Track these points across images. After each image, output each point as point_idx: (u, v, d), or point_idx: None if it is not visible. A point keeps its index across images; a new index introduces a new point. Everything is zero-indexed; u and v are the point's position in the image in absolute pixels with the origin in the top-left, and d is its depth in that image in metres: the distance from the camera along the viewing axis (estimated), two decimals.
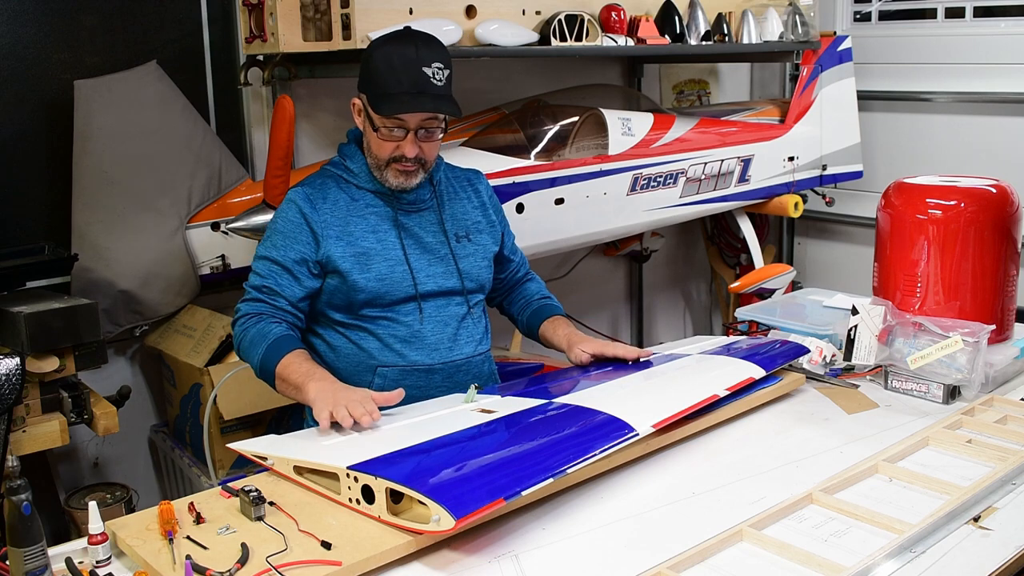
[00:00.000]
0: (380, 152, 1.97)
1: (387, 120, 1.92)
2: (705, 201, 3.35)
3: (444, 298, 2.04)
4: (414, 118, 1.92)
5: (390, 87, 1.91)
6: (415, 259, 2.01)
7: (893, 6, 4.08)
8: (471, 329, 2.08)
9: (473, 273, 2.09)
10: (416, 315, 2.00)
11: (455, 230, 2.09)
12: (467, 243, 2.10)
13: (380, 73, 1.92)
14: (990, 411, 1.88)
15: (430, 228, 2.06)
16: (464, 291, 2.06)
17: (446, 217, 2.08)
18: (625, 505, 1.52)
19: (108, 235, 2.63)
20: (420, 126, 1.93)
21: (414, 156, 1.95)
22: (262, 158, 2.98)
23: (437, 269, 2.03)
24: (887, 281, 2.20)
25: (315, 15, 2.56)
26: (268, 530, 1.40)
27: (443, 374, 2.03)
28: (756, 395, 1.93)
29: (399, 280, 1.99)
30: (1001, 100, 3.70)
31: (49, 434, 2.27)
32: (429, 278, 2.02)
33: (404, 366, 2.00)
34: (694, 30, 3.14)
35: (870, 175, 3.87)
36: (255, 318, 1.94)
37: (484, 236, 2.14)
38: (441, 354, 2.02)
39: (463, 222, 2.12)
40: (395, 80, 1.90)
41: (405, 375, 1.99)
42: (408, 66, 1.90)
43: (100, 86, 2.61)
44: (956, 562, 1.34)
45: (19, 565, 1.25)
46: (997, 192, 2.10)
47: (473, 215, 2.14)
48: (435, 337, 2.02)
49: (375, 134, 1.95)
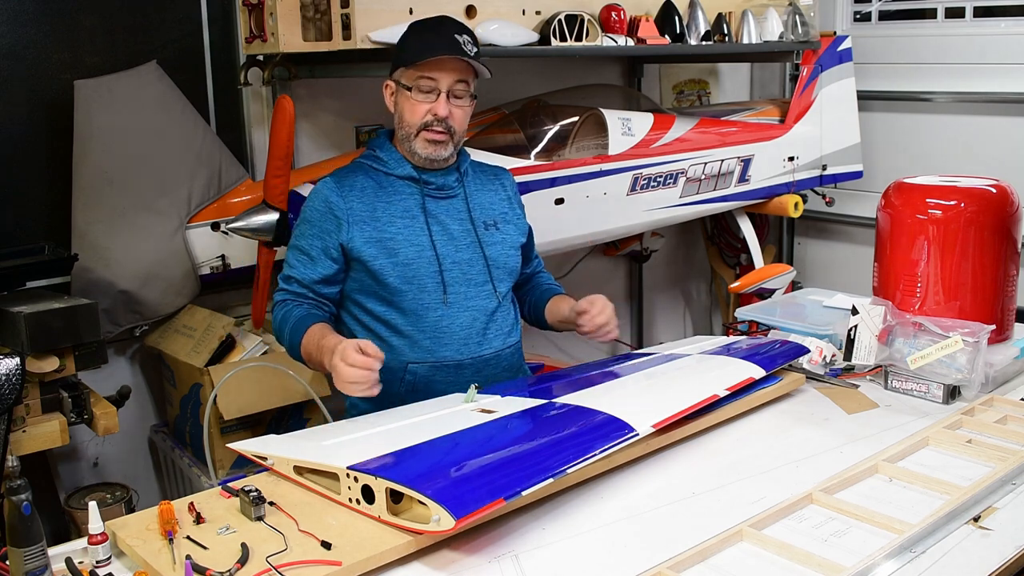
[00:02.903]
0: (412, 117, 2.01)
1: (422, 72, 1.98)
2: (705, 201, 3.35)
3: (472, 287, 2.06)
4: (447, 77, 1.98)
5: (424, 48, 1.97)
6: (442, 246, 2.04)
7: (893, 6, 4.08)
8: (500, 322, 2.10)
9: (500, 260, 2.12)
10: (442, 308, 2.02)
11: (483, 218, 2.13)
12: (495, 231, 2.14)
13: (413, 42, 2.01)
14: (990, 411, 1.88)
15: (457, 216, 2.09)
16: (491, 279, 2.08)
17: (473, 206, 2.12)
18: (625, 505, 1.52)
19: (108, 235, 2.63)
20: (451, 90, 1.99)
21: (446, 116, 1.99)
22: (262, 158, 2.98)
23: (464, 256, 2.06)
24: (887, 281, 2.19)
25: (315, 15, 2.56)
26: (268, 530, 1.40)
27: (472, 368, 2.05)
28: (756, 395, 1.93)
29: (425, 265, 2.02)
30: (1001, 100, 3.70)
31: (49, 434, 2.27)
32: (455, 265, 2.05)
33: (433, 362, 2.03)
34: (694, 30, 3.14)
35: (870, 175, 3.86)
36: (281, 305, 2.04)
37: (511, 227, 2.18)
38: (471, 348, 2.05)
39: (490, 211, 2.16)
40: (428, 43, 1.98)
41: (435, 371, 2.03)
42: (441, 33, 1.99)
43: (100, 86, 2.61)
44: (956, 562, 1.34)
45: (19, 565, 1.25)
46: (997, 192, 2.10)
47: (500, 206, 2.19)
48: (464, 332, 2.04)
49: (408, 95, 2.00)
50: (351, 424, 1.78)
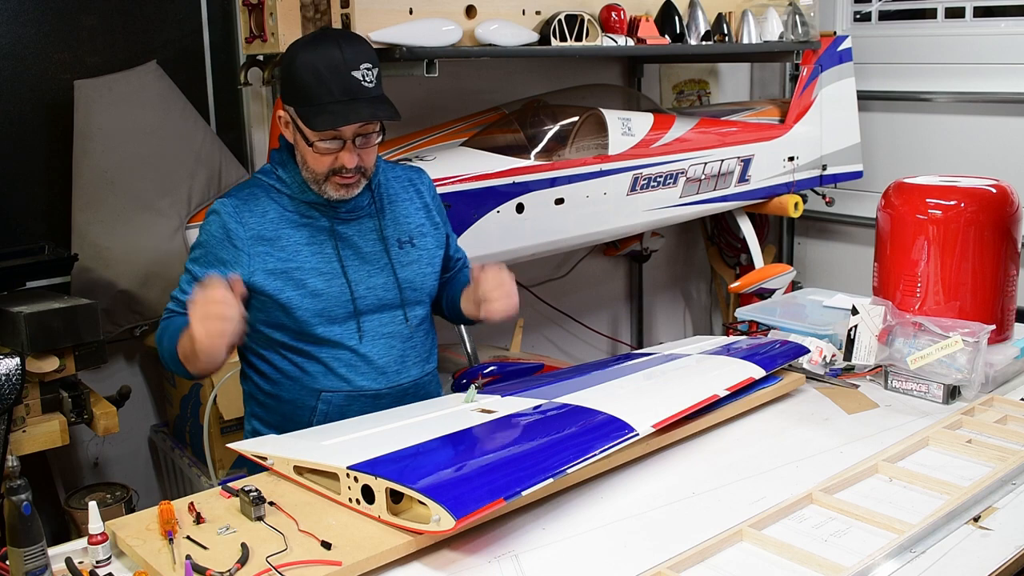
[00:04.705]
0: (317, 167, 1.84)
1: (322, 134, 1.80)
2: (705, 201, 3.35)
3: (386, 313, 1.93)
4: (350, 128, 1.80)
5: (320, 97, 1.77)
6: (353, 271, 1.90)
7: (893, 6, 4.08)
8: (418, 349, 1.99)
9: (416, 282, 1.97)
10: (355, 337, 1.90)
11: (397, 235, 1.97)
12: (411, 248, 1.98)
13: (306, 83, 1.78)
14: (990, 411, 1.88)
15: (369, 236, 1.94)
16: (403, 303, 1.95)
17: (387, 223, 1.96)
18: (625, 505, 1.52)
19: (108, 235, 2.63)
20: (357, 134, 1.81)
21: (354, 166, 1.83)
22: (262, 158, 2.98)
23: (377, 281, 1.92)
24: (887, 281, 2.19)
25: (315, 15, 2.56)
26: (268, 530, 1.40)
27: (391, 398, 1.94)
28: (756, 395, 1.93)
29: (336, 295, 1.87)
30: (1001, 100, 3.70)
31: (49, 434, 2.27)
32: (369, 291, 1.91)
33: (349, 391, 1.91)
34: (694, 30, 3.14)
35: (870, 175, 3.87)
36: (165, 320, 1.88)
37: (428, 240, 2.02)
38: (388, 378, 1.93)
39: (406, 227, 2.00)
40: (324, 90, 1.77)
41: (351, 400, 1.91)
42: (335, 72, 1.77)
43: (100, 86, 2.61)
44: (956, 562, 1.34)
45: (19, 565, 1.25)
46: (997, 192, 2.10)
47: (416, 218, 2.02)
48: (381, 360, 1.92)
49: (310, 149, 1.82)
50: (351, 424, 1.77)
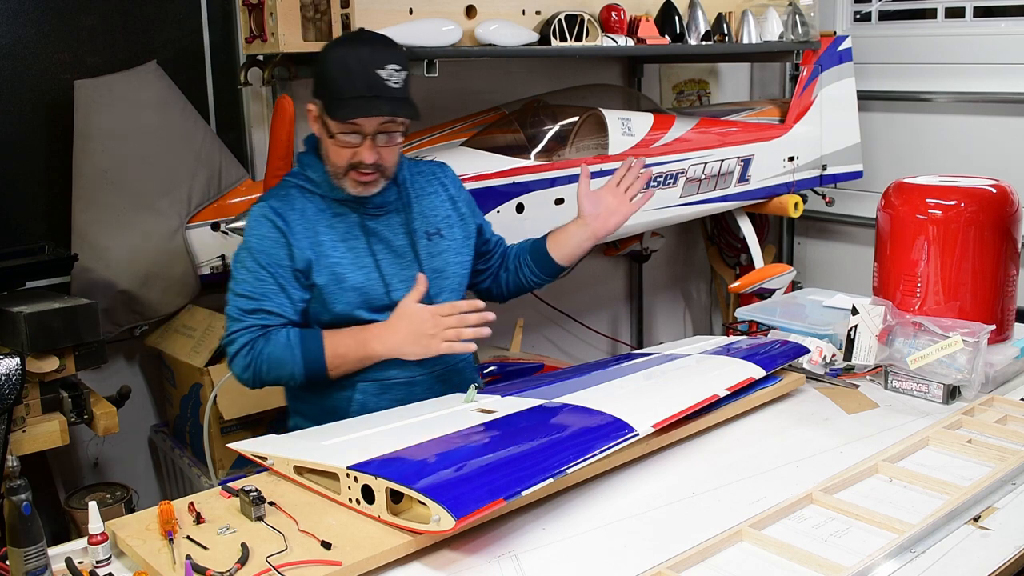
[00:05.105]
0: (337, 160, 1.91)
1: (342, 126, 1.86)
2: (705, 201, 3.35)
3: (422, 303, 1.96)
4: (370, 123, 1.86)
5: (344, 91, 1.85)
6: (386, 265, 1.97)
7: (893, 6, 4.08)
8: None
9: (448, 271, 2.04)
10: None
11: (425, 228, 2.04)
12: (439, 240, 2.05)
13: (333, 77, 1.86)
14: (990, 411, 1.88)
15: (398, 231, 2.01)
16: (434, 293, 2.00)
17: (415, 216, 2.03)
18: (625, 505, 1.52)
19: (108, 235, 2.63)
20: (377, 131, 1.88)
21: (372, 162, 1.89)
22: (262, 158, 2.98)
23: (409, 273, 1.98)
24: (887, 281, 2.20)
25: (315, 15, 2.56)
26: (268, 530, 1.40)
27: (423, 385, 2.00)
28: (756, 395, 1.93)
29: (374, 288, 1.95)
30: (1001, 100, 3.70)
31: (49, 434, 2.27)
32: (403, 283, 1.97)
33: (383, 380, 1.97)
34: (694, 30, 3.14)
35: (870, 175, 3.86)
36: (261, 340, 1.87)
37: (456, 230, 2.09)
38: (421, 365, 1.97)
39: (432, 219, 2.06)
40: (349, 84, 1.84)
41: (385, 389, 1.97)
42: (362, 68, 1.84)
43: (100, 86, 2.61)
44: (956, 562, 1.34)
45: (19, 565, 1.25)
46: (997, 192, 2.10)
47: (443, 210, 2.09)
48: None
49: (331, 141, 1.90)
50: (351, 424, 1.78)
